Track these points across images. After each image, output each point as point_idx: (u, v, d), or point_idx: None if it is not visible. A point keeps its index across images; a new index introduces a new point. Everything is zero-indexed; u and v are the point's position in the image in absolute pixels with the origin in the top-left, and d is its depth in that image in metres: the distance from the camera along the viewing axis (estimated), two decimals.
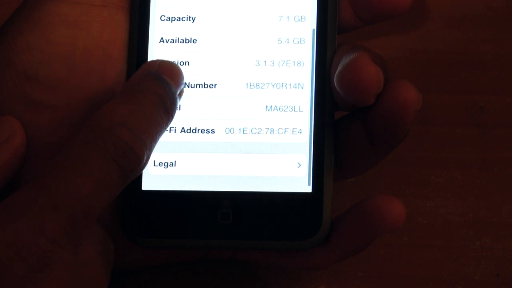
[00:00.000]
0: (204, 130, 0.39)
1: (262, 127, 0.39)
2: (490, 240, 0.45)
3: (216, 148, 0.39)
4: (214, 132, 0.39)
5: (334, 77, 0.36)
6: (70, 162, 0.33)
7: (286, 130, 0.38)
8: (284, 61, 0.39)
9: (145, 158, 0.34)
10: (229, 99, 0.39)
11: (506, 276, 0.44)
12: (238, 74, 0.39)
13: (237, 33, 0.39)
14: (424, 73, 0.47)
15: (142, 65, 0.36)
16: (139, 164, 0.34)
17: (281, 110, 0.39)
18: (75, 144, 0.33)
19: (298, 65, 0.39)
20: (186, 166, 0.39)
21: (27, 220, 0.32)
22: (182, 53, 0.39)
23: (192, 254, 0.41)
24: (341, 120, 0.39)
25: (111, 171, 0.33)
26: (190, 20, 0.39)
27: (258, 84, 0.39)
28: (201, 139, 0.39)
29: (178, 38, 0.39)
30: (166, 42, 0.39)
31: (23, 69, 0.37)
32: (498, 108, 0.47)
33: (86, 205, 0.32)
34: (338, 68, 0.36)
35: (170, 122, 0.36)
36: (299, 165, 0.38)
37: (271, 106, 0.39)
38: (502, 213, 0.45)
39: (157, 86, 0.35)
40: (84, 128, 0.34)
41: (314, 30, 0.39)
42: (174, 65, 0.36)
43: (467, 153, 0.46)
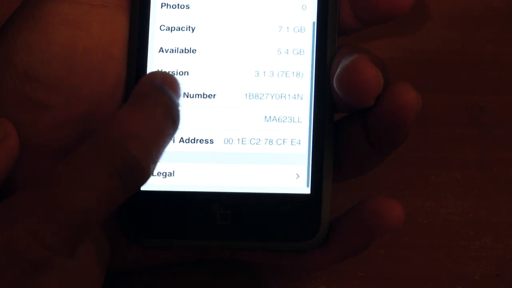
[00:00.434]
0: (203, 140, 0.39)
1: (261, 138, 0.39)
2: (490, 240, 0.45)
3: (214, 158, 0.39)
4: (212, 142, 0.39)
5: (334, 78, 0.36)
6: (75, 172, 0.32)
7: (285, 140, 0.38)
8: (283, 71, 0.39)
9: (150, 172, 0.34)
10: (228, 110, 0.39)
11: (506, 276, 0.44)
12: (237, 84, 0.39)
13: (236, 43, 0.39)
14: (424, 73, 0.47)
15: (144, 76, 0.36)
16: (144, 179, 0.34)
17: (280, 120, 0.39)
18: (83, 152, 0.33)
19: (298, 76, 0.39)
20: (185, 176, 0.39)
21: (24, 226, 0.31)
22: (182, 63, 0.39)
23: (191, 254, 0.41)
24: (340, 121, 0.39)
25: (116, 187, 0.33)
26: (189, 30, 0.39)
27: (257, 94, 0.39)
28: (199, 149, 0.39)
29: (177, 48, 0.39)
30: (166, 52, 0.39)
31: (23, 68, 0.37)
32: (498, 108, 0.47)
33: (86, 217, 0.32)
34: (338, 69, 0.36)
35: (175, 134, 0.35)
36: (298, 176, 0.38)
37: (270, 117, 0.39)
38: (502, 213, 0.45)
39: (165, 97, 0.35)
40: (94, 135, 0.33)
41: (313, 41, 0.39)
42: (174, 77, 0.36)
43: (467, 153, 0.46)
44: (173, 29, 0.39)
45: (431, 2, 0.48)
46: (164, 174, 0.39)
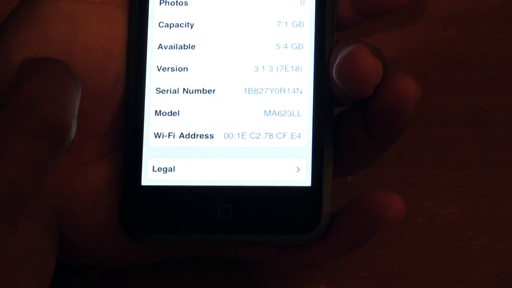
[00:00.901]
0: (203, 135, 0.39)
1: (261, 132, 0.39)
2: (490, 240, 0.45)
3: (215, 153, 0.39)
4: (213, 137, 0.39)
5: (333, 69, 0.37)
6: None
7: (285, 134, 0.39)
8: (282, 66, 0.39)
9: (73, 128, 0.33)
10: (227, 104, 0.39)
11: (506, 276, 0.44)
12: (237, 79, 0.39)
13: (235, 39, 0.39)
14: (424, 73, 0.47)
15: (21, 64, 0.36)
16: (69, 134, 0.33)
17: (279, 115, 0.39)
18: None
19: (297, 70, 0.39)
20: (185, 171, 0.39)
21: None
22: (181, 59, 0.39)
23: (191, 251, 0.41)
24: (340, 115, 0.39)
25: (42, 151, 0.32)
26: (188, 26, 0.39)
27: (256, 89, 0.39)
28: (200, 144, 0.39)
29: (176, 44, 0.39)
30: (165, 48, 0.39)
31: None
32: (498, 108, 0.47)
33: (15, 189, 0.32)
34: (337, 60, 0.36)
35: (81, 90, 0.35)
36: (298, 169, 0.38)
37: (270, 111, 0.39)
38: (502, 213, 0.45)
39: (55, 62, 0.35)
40: (7, 107, 0.33)
41: (312, 35, 0.39)
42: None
43: (467, 153, 0.46)
44: (171, 25, 0.39)
45: (431, 2, 0.48)
46: (164, 170, 0.39)
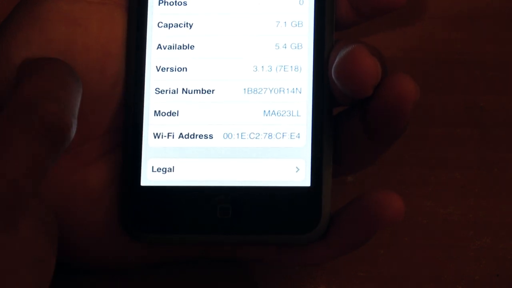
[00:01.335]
0: (202, 136, 0.39)
1: (260, 132, 0.39)
2: (490, 240, 0.45)
3: (214, 153, 0.39)
4: (212, 137, 0.39)
5: (332, 69, 0.37)
6: None
7: (284, 134, 0.39)
8: (281, 66, 0.39)
9: (73, 126, 0.34)
10: (227, 105, 0.39)
11: (506, 276, 0.44)
12: (236, 79, 0.39)
13: (234, 39, 0.39)
14: (424, 73, 0.47)
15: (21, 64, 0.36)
16: (69, 133, 0.33)
17: (279, 115, 0.39)
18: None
19: (296, 70, 0.39)
20: (185, 171, 0.39)
21: None
22: (180, 59, 0.39)
23: (191, 251, 0.41)
24: (339, 115, 0.39)
25: (42, 149, 0.32)
26: (187, 26, 0.39)
27: (256, 89, 0.39)
28: (199, 145, 0.39)
29: (175, 45, 0.39)
30: (164, 49, 0.39)
31: None
32: (498, 108, 0.47)
33: (15, 189, 0.32)
34: (336, 60, 0.36)
35: (81, 89, 0.35)
36: (298, 169, 0.38)
37: (269, 111, 0.39)
38: (502, 213, 0.45)
39: (55, 62, 0.35)
40: (7, 107, 0.33)
41: (311, 35, 0.39)
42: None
43: (467, 153, 0.46)
44: (171, 25, 0.39)
45: (431, 2, 0.48)
46: (164, 170, 0.39)
